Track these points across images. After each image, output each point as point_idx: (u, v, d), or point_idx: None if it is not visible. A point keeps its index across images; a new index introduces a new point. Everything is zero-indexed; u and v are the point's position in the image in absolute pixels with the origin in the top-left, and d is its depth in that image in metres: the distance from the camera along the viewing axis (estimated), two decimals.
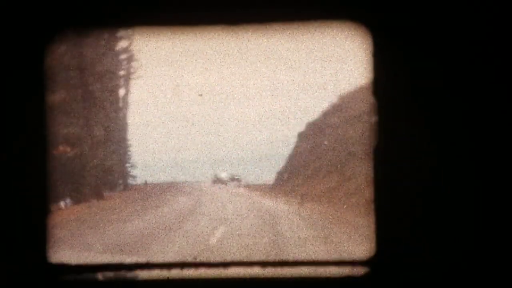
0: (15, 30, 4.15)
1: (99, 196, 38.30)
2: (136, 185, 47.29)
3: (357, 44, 4.20)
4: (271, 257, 17.17)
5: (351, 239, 20.31)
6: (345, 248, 18.86)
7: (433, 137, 4.11)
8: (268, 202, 36.07)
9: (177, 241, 21.16)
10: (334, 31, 4.30)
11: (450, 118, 4.10)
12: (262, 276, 4.24)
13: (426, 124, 4.10)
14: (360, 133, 35.69)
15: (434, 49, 4.09)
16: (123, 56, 41.54)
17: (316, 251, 18.32)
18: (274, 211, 30.76)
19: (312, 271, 4.28)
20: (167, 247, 19.96)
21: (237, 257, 17.15)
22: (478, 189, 4.09)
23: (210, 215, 29.45)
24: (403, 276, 4.13)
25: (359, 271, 4.20)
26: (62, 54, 32.43)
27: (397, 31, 4.10)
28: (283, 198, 37.87)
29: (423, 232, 4.11)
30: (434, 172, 4.10)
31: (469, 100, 4.09)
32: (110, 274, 4.31)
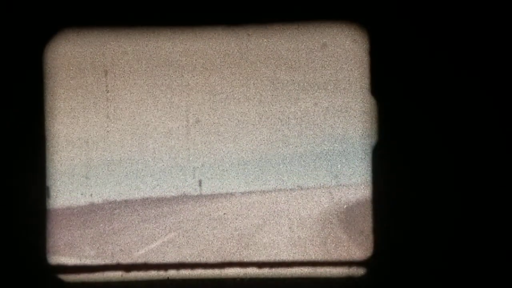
0: (14, 29, 4.14)
1: None
2: None
3: (357, 44, 4.20)
4: None
5: None
6: None
7: (432, 137, 4.10)
8: None
9: None
10: (334, 31, 4.29)
11: (449, 118, 4.09)
12: (260, 276, 4.24)
13: (425, 123, 4.10)
14: None
15: (432, 49, 4.09)
16: None
17: None
18: None
19: (309, 271, 4.27)
20: None
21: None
22: (478, 190, 4.08)
23: None
24: (400, 277, 4.13)
25: (357, 271, 4.19)
26: None
27: (397, 31, 4.10)
28: None
29: (421, 233, 4.10)
30: (432, 172, 4.10)
31: (468, 99, 4.09)
32: (109, 274, 4.30)
